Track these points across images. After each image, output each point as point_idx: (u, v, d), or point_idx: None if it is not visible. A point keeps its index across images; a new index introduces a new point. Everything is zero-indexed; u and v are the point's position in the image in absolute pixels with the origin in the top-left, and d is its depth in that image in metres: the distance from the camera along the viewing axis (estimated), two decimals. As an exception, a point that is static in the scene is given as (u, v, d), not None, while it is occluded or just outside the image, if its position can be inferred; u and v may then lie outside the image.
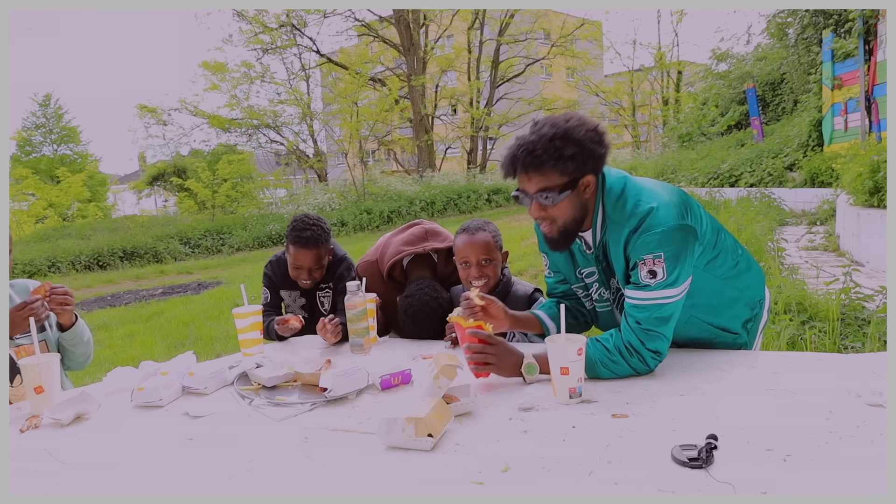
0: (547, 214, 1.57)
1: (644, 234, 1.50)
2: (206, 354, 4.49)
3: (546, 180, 1.52)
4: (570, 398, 1.39)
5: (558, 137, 1.49)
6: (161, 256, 13.28)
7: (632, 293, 1.54)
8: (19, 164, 23.21)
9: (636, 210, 1.53)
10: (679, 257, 1.50)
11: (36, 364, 1.54)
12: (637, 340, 1.51)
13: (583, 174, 1.53)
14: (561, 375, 1.39)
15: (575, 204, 1.56)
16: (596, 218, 1.61)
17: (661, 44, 26.34)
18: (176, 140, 22.68)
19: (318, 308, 2.47)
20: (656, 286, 1.50)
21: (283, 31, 21.82)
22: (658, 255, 1.49)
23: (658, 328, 1.51)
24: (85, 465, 1.25)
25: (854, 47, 9.19)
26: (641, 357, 1.51)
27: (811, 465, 1.03)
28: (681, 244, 1.51)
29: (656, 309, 1.51)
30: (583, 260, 1.74)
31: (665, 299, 1.51)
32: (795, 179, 10.48)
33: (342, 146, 20.73)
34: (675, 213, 1.52)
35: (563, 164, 1.49)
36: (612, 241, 1.59)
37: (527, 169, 1.52)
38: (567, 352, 1.38)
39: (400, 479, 1.10)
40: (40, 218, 18.59)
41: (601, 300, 1.77)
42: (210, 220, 16.38)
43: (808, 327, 3.51)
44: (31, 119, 27.65)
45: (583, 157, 1.50)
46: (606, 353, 1.51)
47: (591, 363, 1.51)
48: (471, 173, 21.41)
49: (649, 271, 1.50)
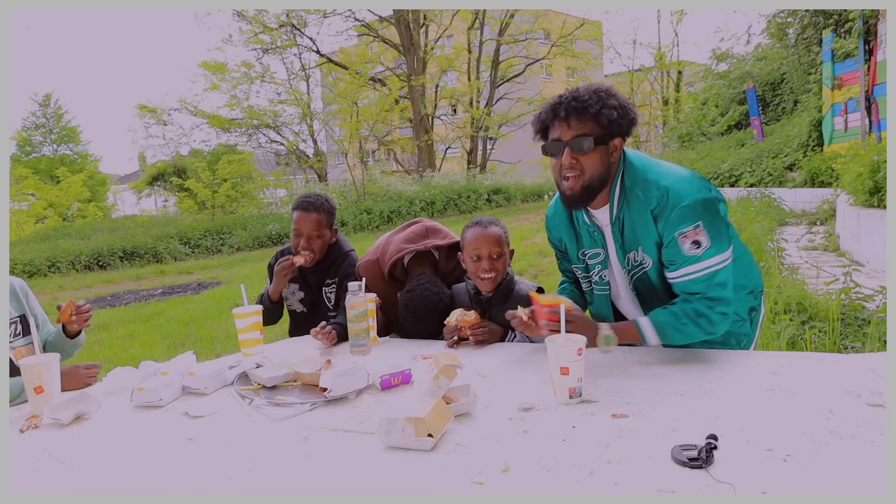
0: (577, 164, 1.59)
1: (676, 208, 1.54)
2: (206, 354, 4.49)
3: (585, 127, 1.57)
4: (571, 398, 1.39)
5: (603, 90, 1.57)
6: (161, 256, 13.29)
7: (681, 270, 1.58)
8: (19, 164, 23.21)
9: (661, 182, 1.58)
10: (717, 223, 1.56)
11: (36, 364, 1.54)
12: (706, 308, 1.56)
13: (616, 133, 1.59)
14: (561, 375, 1.39)
15: (604, 160, 1.60)
16: (613, 192, 1.65)
17: (661, 44, 26.35)
18: (176, 140, 22.70)
19: (320, 302, 2.47)
20: (704, 255, 1.55)
21: (283, 31, 21.83)
22: (697, 225, 1.54)
23: (719, 293, 1.56)
24: (85, 465, 1.25)
25: (854, 47, 9.20)
26: (708, 319, 1.56)
27: (811, 465, 1.03)
28: (715, 212, 1.56)
29: (711, 277, 1.56)
30: (589, 241, 1.77)
31: (716, 265, 1.55)
32: (795, 179, 10.48)
33: (342, 146, 20.74)
34: (703, 186, 1.58)
35: (607, 111, 1.55)
36: (634, 214, 1.62)
37: (569, 114, 1.57)
38: (567, 352, 1.38)
39: (400, 479, 1.10)
40: (40, 218, 18.59)
41: (601, 283, 1.80)
42: (210, 220, 16.39)
43: (808, 327, 3.51)
44: (31, 119, 27.66)
45: (622, 112, 1.56)
46: (675, 319, 1.57)
47: (661, 327, 1.58)
48: (471, 173, 21.41)
49: (693, 242, 1.54)
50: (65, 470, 1.23)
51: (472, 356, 1.81)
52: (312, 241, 2.34)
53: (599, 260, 1.77)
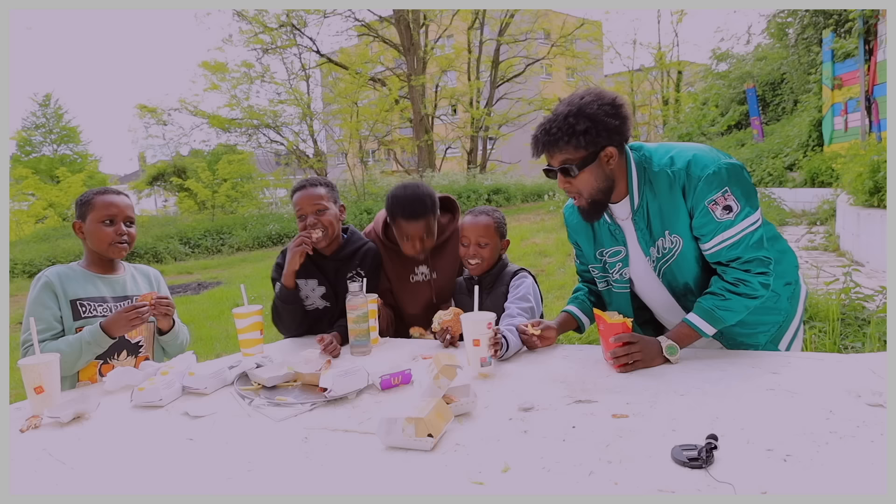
0: (572, 187, 1.66)
1: (702, 178, 1.57)
2: (206, 354, 4.49)
3: (564, 155, 1.61)
4: (482, 367, 1.64)
5: (571, 115, 1.58)
6: (161, 256, 13.26)
7: (717, 238, 1.60)
8: (19, 164, 23.21)
9: (684, 156, 1.61)
10: (744, 186, 1.59)
11: (36, 364, 1.54)
12: (742, 272, 1.59)
13: (601, 147, 1.60)
14: (473, 347, 1.63)
15: (598, 175, 1.63)
16: (631, 185, 1.67)
17: (661, 44, 26.35)
18: (176, 140, 22.64)
19: (344, 295, 2.39)
20: (738, 218, 1.58)
21: (283, 31, 21.80)
22: (725, 191, 1.57)
23: (757, 253, 1.59)
24: (85, 464, 1.25)
25: (854, 47, 9.20)
26: (751, 286, 1.58)
27: (811, 465, 1.03)
28: (740, 175, 1.59)
29: (747, 239, 1.58)
30: (609, 240, 1.80)
31: (750, 227, 1.58)
32: (795, 179, 10.48)
33: (342, 146, 20.72)
34: (724, 154, 1.62)
35: (577, 139, 1.57)
36: (662, 198, 1.64)
37: (546, 147, 1.62)
38: (479, 326, 1.62)
39: (400, 479, 1.10)
40: (40, 218, 18.57)
41: (621, 280, 1.82)
42: (210, 220, 16.37)
43: (808, 327, 3.51)
44: (31, 119, 27.67)
45: (596, 130, 1.58)
46: (717, 298, 1.60)
47: (708, 313, 1.60)
48: (471, 173, 21.40)
49: (724, 207, 1.57)
50: (65, 470, 1.23)
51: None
52: (320, 217, 2.16)
53: (620, 258, 1.79)
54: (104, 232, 1.98)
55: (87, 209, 2.00)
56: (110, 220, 1.99)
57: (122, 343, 1.99)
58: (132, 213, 2.05)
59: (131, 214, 2.05)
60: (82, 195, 2.04)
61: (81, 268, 2.04)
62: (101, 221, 1.98)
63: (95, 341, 1.86)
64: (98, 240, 1.99)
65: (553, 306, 5.39)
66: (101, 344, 1.88)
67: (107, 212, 1.99)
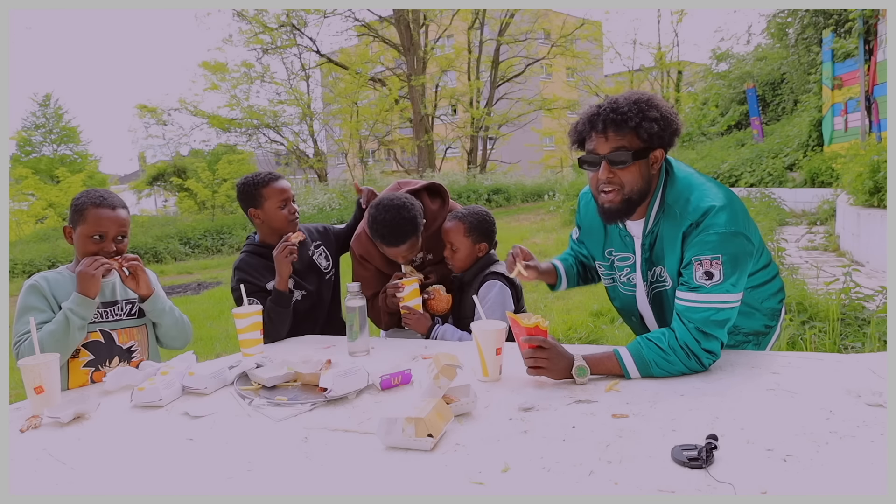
0: (616, 178, 1.54)
1: (704, 232, 1.49)
2: (206, 354, 4.50)
3: (623, 140, 1.52)
4: (501, 375, 1.61)
5: (644, 101, 1.51)
6: (161, 256, 13.26)
7: (685, 295, 1.52)
8: (19, 164, 23.19)
9: (701, 204, 1.52)
10: (738, 263, 1.49)
11: (36, 364, 1.54)
12: (693, 341, 1.49)
13: (656, 145, 1.53)
14: (496, 356, 1.59)
15: (643, 173, 1.55)
16: (652, 206, 1.61)
17: (661, 44, 26.31)
18: (176, 140, 22.68)
19: (314, 269, 2.43)
20: (711, 289, 1.48)
21: (283, 31, 21.82)
22: (716, 257, 1.48)
23: (713, 331, 1.49)
24: (85, 464, 1.25)
25: (854, 47, 9.20)
26: (698, 358, 1.49)
27: (811, 465, 1.03)
28: (740, 250, 1.50)
29: (712, 312, 1.49)
30: (620, 244, 1.74)
31: (721, 304, 1.49)
32: (795, 179, 10.49)
33: (342, 146, 20.76)
34: (740, 219, 1.51)
35: (647, 124, 1.49)
36: (667, 231, 1.58)
37: (608, 126, 1.52)
38: (500, 336, 1.59)
39: (400, 479, 1.10)
40: (40, 218, 18.55)
41: (628, 284, 1.77)
42: (210, 220, 16.36)
43: (808, 327, 3.52)
44: (31, 119, 27.64)
45: (664, 123, 1.51)
46: (661, 354, 1.49)
47: (645, 364, 1.50)
48: (471, 173, 21.41)
49: (705, 272, 1.48)
50: (65, 470, 1.23)
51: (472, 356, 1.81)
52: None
53: (629, 263, 1.73)
54: (92, 248, 1.90)
55: (78, 219, 1.91)
56: (100, 236, 1.90)
57: (114, 349, 1.95)
58: (126, 226, 1.96)
59: (125, 228, 1.95)
60: (78, 199, 1.94)
61: (70, 272, 1.96)
62: (90, 236, 1.90)
63: (77, 306, 1.80)
64: (85, 254, 1.90)
65: (553, 306, 5.39)
66: (84, 307, 1.82)
67: (97, 228, 1.90)
